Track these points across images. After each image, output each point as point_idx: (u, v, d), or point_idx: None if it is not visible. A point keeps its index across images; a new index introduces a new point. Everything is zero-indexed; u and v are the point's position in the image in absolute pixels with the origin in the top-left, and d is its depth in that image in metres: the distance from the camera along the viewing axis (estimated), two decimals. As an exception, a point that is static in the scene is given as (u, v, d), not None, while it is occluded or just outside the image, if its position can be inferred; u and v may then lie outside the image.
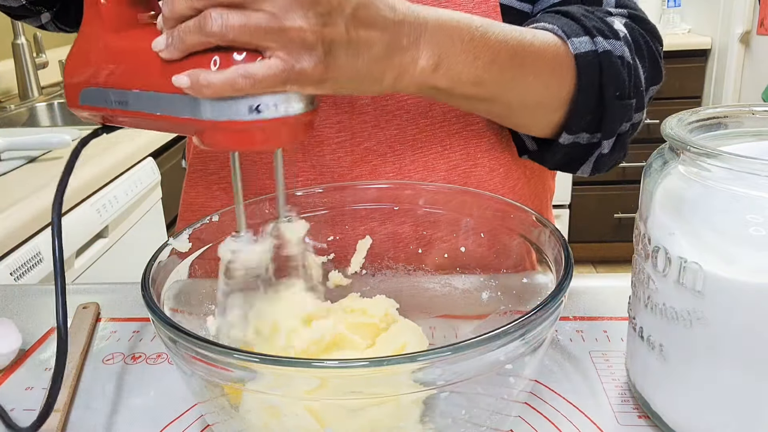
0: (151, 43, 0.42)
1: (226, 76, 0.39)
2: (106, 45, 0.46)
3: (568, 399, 0.49)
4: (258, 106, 0.40)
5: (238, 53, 0.40)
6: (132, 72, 0.44)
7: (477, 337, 0.33)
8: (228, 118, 0.40)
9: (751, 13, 2.38)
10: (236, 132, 0.41)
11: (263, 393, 0.35)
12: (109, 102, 0.46)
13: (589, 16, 0.59)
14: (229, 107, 0.40)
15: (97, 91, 0.47)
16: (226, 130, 0.41)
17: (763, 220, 0.37)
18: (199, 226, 0.49)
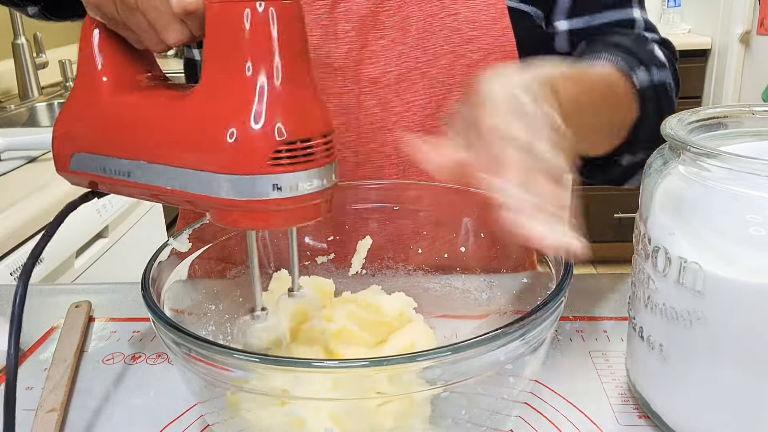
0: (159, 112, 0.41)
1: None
2: (104, 109, 0.44)
3: (568, 399, 0.49)
4: (279, 185, 0.37)
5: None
6: (137, 142, 0.41)
7: (477, 337, 0.33)
8: (249, 197, 0.37)
9: (751, 13, 2.38)
10: (255, 211, 0.37)
11: (263, 393, 0.35)
12: (107, 171, 0.43)
13: (640, 48, 0.62)
14: (251, 185, 0.37)
15: (91, 157, 0.44)
16: (244, 209, 0.37)
17: (763, 220, 0.37)
18: (199, 226, 0.49)
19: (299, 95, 0.38)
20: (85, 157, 0.44)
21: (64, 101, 1.94)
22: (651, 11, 2.83)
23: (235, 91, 0.37)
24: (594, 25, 0.65)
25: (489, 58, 0.64)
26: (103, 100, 0.44)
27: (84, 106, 0.45)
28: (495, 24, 0.64)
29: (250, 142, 0.36)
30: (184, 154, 0.38)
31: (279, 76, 0.37)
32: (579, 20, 0.66)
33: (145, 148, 0.40)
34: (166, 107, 0.41)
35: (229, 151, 0.36)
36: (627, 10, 0.66)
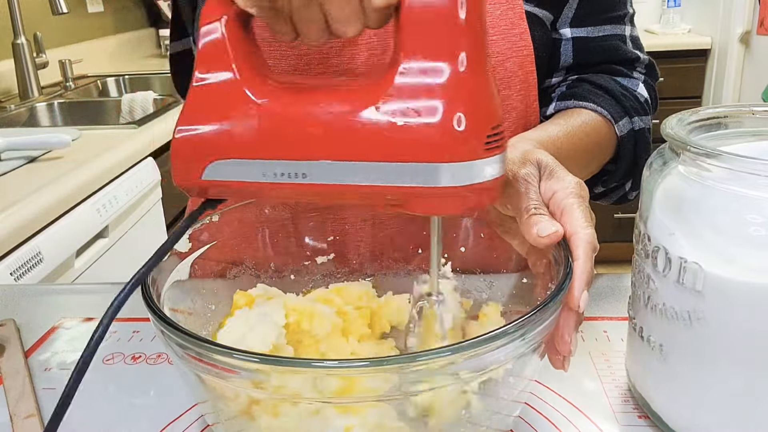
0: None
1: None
2: (258, 109, 0.39)
3: (568, 399, 0.49)
4: (489, 168, 0.37)
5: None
6: (316, 140, 0.38)
7: (477, 337, 0.33)
8: (467, 182, 0.37)
9: (751, 13, 2.38)
10: (457, 196, 0.37)
11: (263, 393, 0.35)
12: (267, 175, 0.39)
13: (626, 95, 0.70)
14: (470, 171, 0.37)
15: (244, 163, 0.39)
16: (455, 195, 0.37)
17: (763, 220, 0.37)
18: (199, 226, 0.49)
19: (490, 83, 0.39)
20: (231, 165, 0.39)
21: (64, 101, 1.95)
22: (651, 11, 2.83)
23: (442, 79, 0.37)
24: (594, 36, 0.70)
25: (507, 63, 0.65)
26: (253, 99, 0.39)
27: (223, 108, 0.40)
28: (513, 28, 0.64)
29: (471, 129, 0.36)
30: (389, 149, 0.37)
31: (478, 63, 0.37)
32: (582, 30, 0.70)
33: (330, 146, 0.38)
34: (351, 101, 0.38)
35: (450, 140, 0.36)
36: (621, 26, 0.72)
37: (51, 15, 1.77)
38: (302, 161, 0.38)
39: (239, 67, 0.40)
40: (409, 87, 0.37)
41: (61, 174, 1.23)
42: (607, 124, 0.68)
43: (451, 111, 0.36)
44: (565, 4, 0.69)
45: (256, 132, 0.39)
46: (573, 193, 0.43)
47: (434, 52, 0.37)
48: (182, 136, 0.40)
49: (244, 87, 0.39)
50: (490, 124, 0.38)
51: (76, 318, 0.64)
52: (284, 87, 0.41)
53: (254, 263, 0.53)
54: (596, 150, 0.68)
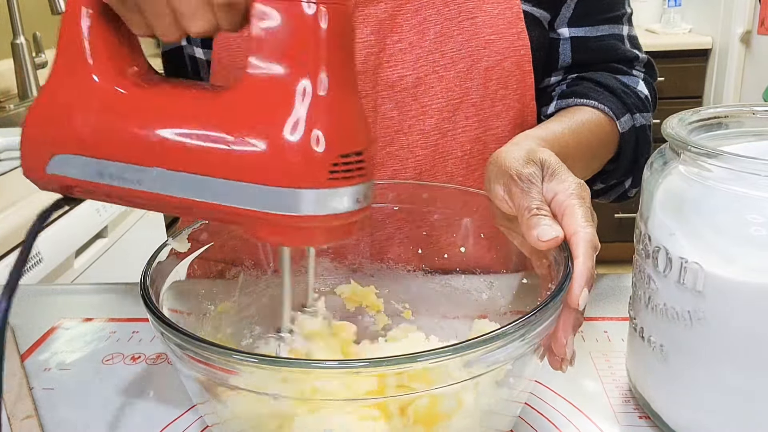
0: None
1: None
2: (104, 106, 0.37)
3: (568, 399, 0.48)
4: (359, 198, 0.34)
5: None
6: (156, 146, 0.35)
7: (477, 337, 0.33)
8: (304, 212, 0.34)
9: (752, 13, 2.37)
10: (301, 227, 0.34)
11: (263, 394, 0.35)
12: (104, 176, 0.37)
13: (627, 92, 0.69)
14: (309, 200, 0.33)
15: (82, 160, 0.37)
16: (294, 225, 0.34)
17: (763, 220, 0.37)
18: (198, 226, 0.49)
19: (352, 104, 0.35)
20: (71, 160, 0.38)
21: (63, 101, 1.94)
22: (652, 11, 2.83)
23: (288, 97, 0.34)
24: (592, 36, 0.70)
25: (505, 63, 0.65)
26: (100, 95, 0.37)
27: (72, 100, 0.38)
28: (511, 28, 0.64)
29: (311, 152, 0.33)
30: (224, 164, 0.34)
31: (335, 82, 0.34)
32: (579, 29, 0.70)
33: (166, 154, 0.35)
34: (197, 108, 0.36)
35: (287, 163, 0.33)
36: (618, 26, 0.72)
37: (50, 15, 1.77)
38: (136, 166, 0.36)
39: (95, 58, 0.38)
40: (254, 104, 0.34)
41: (61, 174, 1.23)
42: (610, 121, 0.68)
43: (294, 135, 0.33)
44: (563, 4, 0.69)
45: (92, 129, 0.37)
46: (574, 194, 0.43)
47: (285, 69, 0.34)
48: (29, 128, 0.39)
49: (94, 75, 0.38)
50: (338, 150, 0.34)
51: (76, 318, 0.64)
52: (138, 87, 0.38)
53: (254, 263, 0.53)
54: (600, 147, 0.68)
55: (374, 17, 0.63)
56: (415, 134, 0.66)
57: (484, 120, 0.66)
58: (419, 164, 0.66)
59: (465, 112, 0.66)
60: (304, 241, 0.36)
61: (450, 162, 0.67)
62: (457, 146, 0.67)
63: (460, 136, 0.67)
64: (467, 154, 0.67)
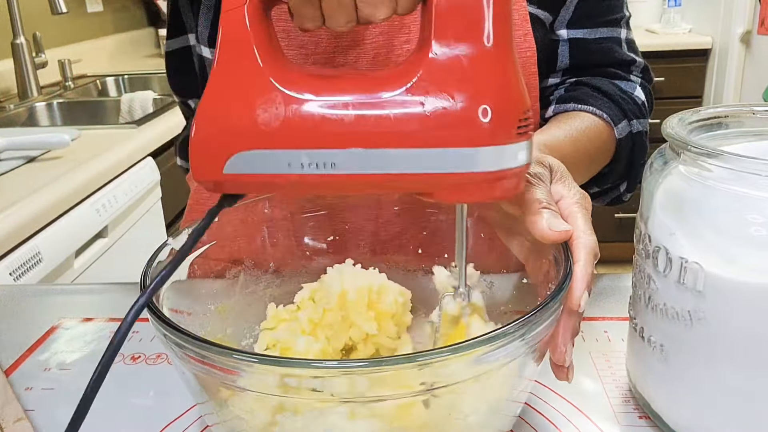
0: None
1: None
2: (285, 99, 0.37)
3: (568, 399, 0.48)
4: (521, 153, 0.37)
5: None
6: (347, 128, 0.36)
7: (477, 337, 0.33)
8: (501, 167, 0.37)
9: (752, 13, 2.37)
10: (487, 182, 0.37)
11: (262, 393, 0.35)
12: (293, 166, 0.37)
13: (624, 98, 0.70)
14: (502, 155, 0.37)
15: (267, 154, 0.37)
16: (488, 180, 0.37)
17: (763, 220, 0.37)
18: (198, 225, 0.49)
19: (518, 68, 0.39)
20: (255, 155, 0.37)
21: (63, 101, 1.94)
22: (651, 11, 2.83)
23: (473, 64, 0.36)
24: (590, 38, 0.71)
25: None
26: (277, 87, 0.37)
27: (247, 95, 0.38)
28: (517, 30, 0.65)
29: (503, 112, 0.36)
30: (424, 134, 0.36)
31: (508, 49, 0.37)
32: (578, 31, 0.70)
33: (362, 133, 0.36)
34: (382, 86, 0.37)
35: (485, 124, 0.36)
36: (617, 29, 0.72)
37: (50, 15, 1.77)
38: (330, 150, 0.37)
39: (262, 54, 0.38)
40: (439, 72, 0.36)
41: (61, 174, 1.23)
42: (607, 128, 0.69)
43: (483, 96, 0.36)
44: (562, 6, 0.69)
45: (281, 121, 0.37)
46: (579, 203, 0.44)
47: (464, 38, 0.36)
48: (202, 127, 0.38)
49: (268, 74, 0.38)
50: (521, 108, 0.37)
51: (76, 318, 0.64)
52: (309, 75, 0.39)
53: (254, 263, 0.53)
54: (598, 154, 0.69)
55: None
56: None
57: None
58: None
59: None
60: (494, 194, 0.38)
61: None
62: None
63: None
64: None
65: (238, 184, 0.39)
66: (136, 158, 1.47)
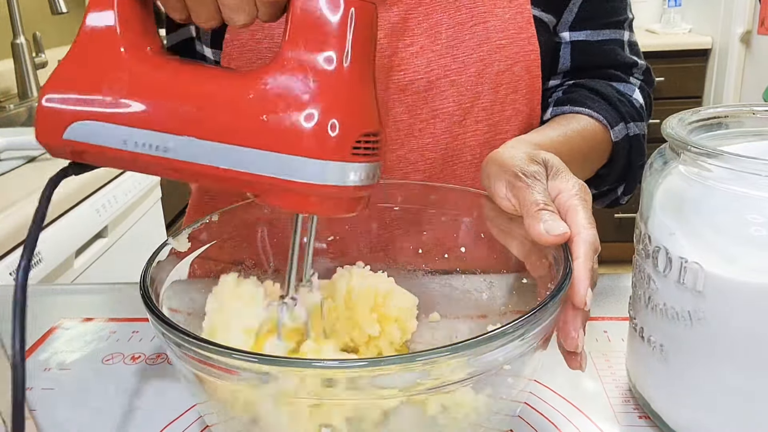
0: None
1: None
2: (133, 77, 0.39)
3: (568, 399, 0.48)
4: (355, 174, 0.38)
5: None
6: (188, 115, 0.38)
7: (477, 337, 0.33)
8: (326, 182, 0.37)
9: (752, 13, 2.38)
10: (316, 196, 0.38)
11: (263, 393, 0.35)
12: (128, 144, 0.38)
13: (622, 100, 0.70)
14: (332, 171, 0.37)
15: (105, 127, 0.39)
16: (315, 193, 0.37)
17: (763, 220, 0.37)
18: (198, 225, 0.49)
19: (371, 91, 0.39)
20: (94, 127, 0.39)
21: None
22: (652, 11, 2.83)
23: (322, 79, 0.37)
24: (592, 40, 0.71)
25: (515, 67, 0.65)
26: (130, 65, 0.39)
27: (99, 69, 0.39)
28: (521, 33, 0.65)
29: (340, 128, 0.37)
30: (257, 135, 0.37)
31: (361, 71, 0.38)
32: (581, 33, 0.70)
33: (199, 123, 0.38)
34: (231, 81, 0.39)
35: (317, 136, 0.36)
36: (619, 31, 0.72)
37: (50, 15, 1.77)
38: (165, 133, 0.38)
39: (124, 30, 0.39)
40: (286, 79, 0.37)
41: (61, 174, 1.23)
42: (603, 130, 0.69)
43: (324, 110, 0.37)
44: (565, 8, 0.69)
45: (121, 96, 0.38)
46: (578, 195, 0.43)
47: (316, 51, 0.37)
48: (49, 92, 0.40)
49: (121, 48, 0.39)
50: (361, 129, 0.38)
51: (76, 318, 0.64)
52: (167, 61, 0.40)
53: (254, 263, 0.53)
54: (592, 155, 0.69)
55: (386, 21, 0.63)
56: (425, 138, 0.66)
57: (494, 124, 0.67)
58: (429, 167, 0.67)
59: (475, 116, 0.66)
60: (319, 209, 0.39)
61: (459, 166, 0.67)
62: (467, 150, 0.67)
63: (470, 140, 0.67)
64: (477, 157, 0.67)
65: (76, 152, 0.40)
66: (136, 158, 1.47)
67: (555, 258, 0.42)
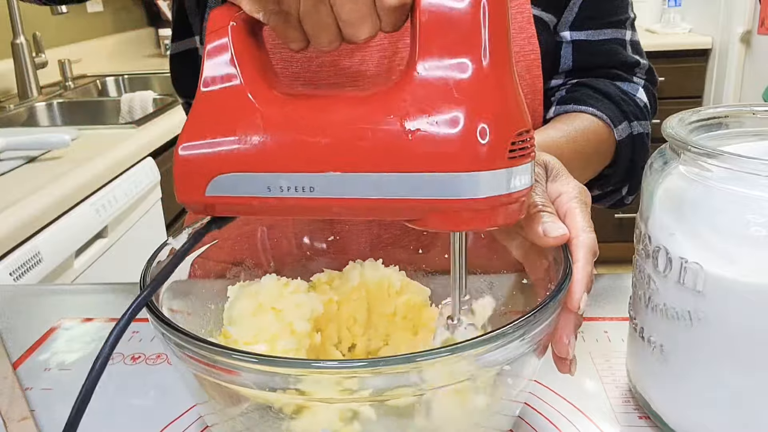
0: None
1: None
2: (266, 121, 0.37)
3: (568, 399, 0.48)
4: (514, 178, 0.35)
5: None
6: (327, 152, 0.36)
7: (477, 337, 0.33)
8: (492, 193, 0.34)
9: (752, 13, 2.37)
10: (486, 208, 0.35)
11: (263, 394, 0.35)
12: (272, 189, 0.37)
13: (625, 99, 0.70)
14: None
15: (247, 177, 0.37)
16: (479, 207, 0.35)
17: (763, 220, 0.37)
18: (198, 226, 0.49)
19: (516, 86, 0.36)
20: (235, 178, 0.37)
21: (63, 101, 1.94)
22: (652, 11, 2.83)
23: (461, 83, 0.34)
24: (594, 39, 0.70)
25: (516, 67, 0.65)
26: (259, 111, 0.38)
27: (229, 119, 0.38)
28: (522, 32, 0.65)
29: (491, 134, 0.34)
30: (402, 158, 0.35)
31: (502, 65, 0.35)
32: (582, 33, 0.70)
33: (340, 157, 0.35)
34: (363, 108, 0.36)
35: (470, 147, 0.34)
36: (621, 30, 0.72)
37: (50, 15, 1.77)
38: (309, 173, 0.36)
39: (246, 75, 0.38)
40: (425, 92, 0.35)
41: (61, 174, 1.23)
42: (607, 129, 0.68)
43: (470, 118, 0.34)
44: (566, 7, 0.69)
45: (259, 143, 0.37)
46: (577, 198, 0.43)
47: (452, 55, 0.35)
48: (185, 150, 0.38)
49: (248, 95, 0.38)
50: (513, 130, 0.35)
51: (76, 318, 0.64)
52: (292, 96, 0.39)
53: (254, 263, 0.53)
54: (596, 155, 0.68)
55: None
56: None
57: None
58: None
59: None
60: (481, 223, 0.36)
61: None
62: None
63: None
64: None
65: (220, 206, 0.39)
66: (136, 158, 1.47)
67: (555, 259, 0.42)
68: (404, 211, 0.36)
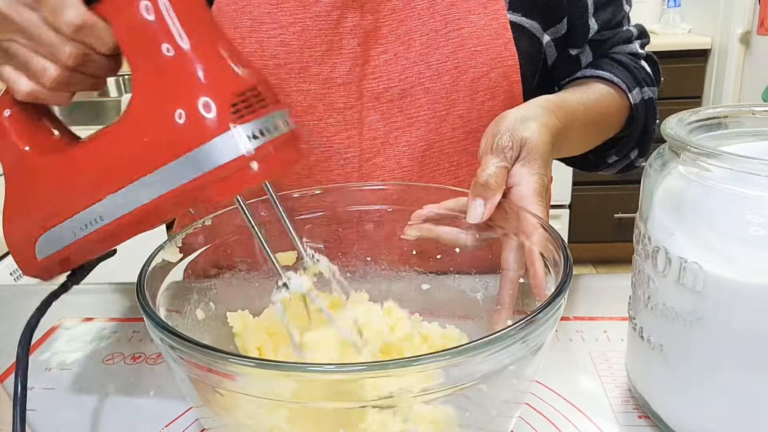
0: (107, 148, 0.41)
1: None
2: (49, 178, 0.43)
3: (568, 399, 0.48)
4: (250, 134, 0.37)
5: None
6: (98, 181, 0.40)
7: (477, 340, 0.33)
8: (232, 156, 0.37)
9: (752, 13, 2.37)
10: (240, 170, 0.37)
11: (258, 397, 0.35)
12: (77, 232, 0.42)
13: (637, 68, 0.73)
14: (227, 144, 0.36)
15: (59, 229, 0.43)
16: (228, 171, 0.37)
17: (763, 220, 0.37)
18: (191, 231, 0.49)
19: (229, 51, 0.39)
20: (51, 234, 0.43)
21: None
22: (651, 11, 2.83)
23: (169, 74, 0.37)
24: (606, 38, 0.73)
25: (491, 74, 0.64)
26: (42, 171, 0.43)
27: (28, 188, 0.44)
28: (497, 39, 0.64)
29: (214, 102, 0.37)
30: (156, 156, 0.38)
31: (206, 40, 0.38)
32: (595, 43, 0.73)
33: (109, 181, 0.40)
34: (112, 134, 0.41)
35: (197, 120, 0.36)
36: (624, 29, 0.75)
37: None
38: (91, 206, 0.41)
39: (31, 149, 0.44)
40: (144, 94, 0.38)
41: (61, 174, 1.23)
42: (621, 94, 0.71)
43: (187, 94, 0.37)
44: (558, 21, 0.68)
45: (56, 198, 0.42)
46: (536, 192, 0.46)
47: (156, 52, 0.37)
48: (8, 232, 0.45)
49: (35, 167, 0.43)
50: (231, 91, 0.37)
51: (76, 318, 0.64)
52: (71, 148, 0.43)
53: (248, 266, 0.53)
54: (609, 119, 0.71)
55: (360, 28, 0.63)
56: (401, 145, 0.66)
57: (471, 131, 0.66)
58: (406, 175, 0.66)
59: (452, 123, 0.66)
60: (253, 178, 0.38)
61: (438, 173, 0.67)
62: (444, 157, 0.67)
63: (447, 148, 0.67)
64: (455, 165, 0.67)
65: (54, 265, 0.45)
66: (136, 158, 1.47)
67: (554, 260, 0.42)
68: (185, 197, 0.38)
